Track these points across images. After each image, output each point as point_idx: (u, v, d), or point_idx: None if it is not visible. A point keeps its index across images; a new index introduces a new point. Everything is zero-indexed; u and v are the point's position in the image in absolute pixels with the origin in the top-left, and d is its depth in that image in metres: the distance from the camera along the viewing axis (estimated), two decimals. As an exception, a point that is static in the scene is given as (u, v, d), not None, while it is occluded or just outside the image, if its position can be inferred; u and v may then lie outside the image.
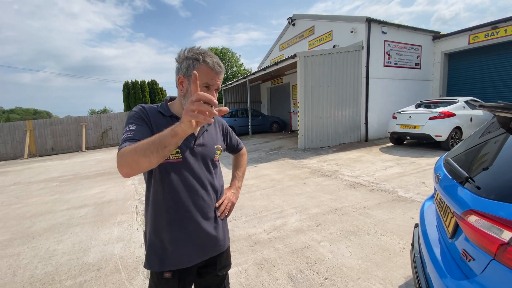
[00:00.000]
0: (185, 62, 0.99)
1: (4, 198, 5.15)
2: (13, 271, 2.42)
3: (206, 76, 0.98)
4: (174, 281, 1.03)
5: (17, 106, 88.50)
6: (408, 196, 3.60)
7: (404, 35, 9.05)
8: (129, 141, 0.88)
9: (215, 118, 1.22)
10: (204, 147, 1.09)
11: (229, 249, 1.24)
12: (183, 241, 1.03)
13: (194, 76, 0.73)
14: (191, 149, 1.04)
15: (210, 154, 1.10)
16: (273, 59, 13.87)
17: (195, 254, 1.06)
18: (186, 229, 1.03)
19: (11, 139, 13.07)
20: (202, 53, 0.98)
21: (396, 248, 2.33)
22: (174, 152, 0.99)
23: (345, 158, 6.34)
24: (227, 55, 30.28)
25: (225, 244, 1.17)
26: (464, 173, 1.11)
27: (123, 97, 22.27)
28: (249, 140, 11.23)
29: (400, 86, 9.27)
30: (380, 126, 8.89)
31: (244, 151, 1.45)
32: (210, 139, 1.13)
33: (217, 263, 1.15)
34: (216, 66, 0.98)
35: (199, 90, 0.74)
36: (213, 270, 1.15)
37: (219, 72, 1.00)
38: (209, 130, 1.15)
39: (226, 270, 1.21)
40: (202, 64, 0.97)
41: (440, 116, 6.08)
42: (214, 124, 1.20)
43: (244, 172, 1.43)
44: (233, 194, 1.27)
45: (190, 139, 1.04)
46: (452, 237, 1.11)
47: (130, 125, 0.94)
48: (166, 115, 1.04)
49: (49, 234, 3.22)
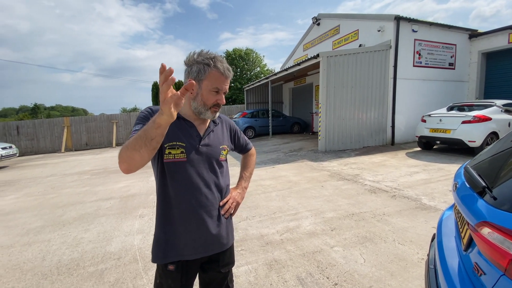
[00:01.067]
0: (195, 66, 1.03)
1: (41, 188, 5.64)
2: (43, 256, 2.65)
3: (216, 81, 1.02)
4: (177, 274, 1.08)
5: (57, 104, 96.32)
6: (433, 204, 3.40)
7: (437, 34, 8.52)
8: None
9: (223, 118, 1.27)
10: (209, 147, 1.12)
11: (233, 247, 1.26)
12: (185, 235, 1.07)
13: (190, 84, 0.77)
14: (196, 149, 1.08)
15: (215, 154, 1.13)
16: (296, 60, 13.74)
17: (197, 249, 1.09)
18: (190, 224, 1.07)
19: (50, 134, 14.27)
20: (212, 58, 1.01)
21: (414, 258, 2.21)
22: (179, 152, 1.04)
23: (367, 162, 6.11)
24: (251, 56, 30.46)
25: (228, 242, 1.19)
26: (481, 182, 1.04)
27: (152, 97, 23.35)
28: (269, 140, 11.23)
29: (431, 88, 8.73)
30: (407, 130, 8.44)
31: (253, 152, 1.46)
32: (215, 139, 1.16)
33: (220, 260, 1.18)
34: (226, 71, 1.02)
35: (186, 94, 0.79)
36: (216, 266, 1.17)
37: (228, 77, 1.05)
38: (215, 130, 1.18)
39: (229, 267, 1.23)
40: (213, 69, 1.01)
41: (474, 120, 5.64)
42: (221, 125, 1.23)
43: (252, 172, 1.44)
44: (238, 194, 1.28)
45: (195, 139, 1.08)
46: (466, 249, 1.04)
47: (136, 125, 0.99)
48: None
49: (78, 223, 3.48)
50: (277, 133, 13.17)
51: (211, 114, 1.09)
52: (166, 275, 1.08)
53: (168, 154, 1.03)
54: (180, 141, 1.05)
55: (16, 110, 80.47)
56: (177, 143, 1.04)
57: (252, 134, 12.61)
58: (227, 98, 28.34)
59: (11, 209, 4.28)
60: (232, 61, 29.43)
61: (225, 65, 1.03)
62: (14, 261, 2.57)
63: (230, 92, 28.35)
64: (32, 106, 56.21)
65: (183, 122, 1.09)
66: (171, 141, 1.03)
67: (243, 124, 12.46)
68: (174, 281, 1.08)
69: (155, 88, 23.16)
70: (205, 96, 1.04)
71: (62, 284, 2.14)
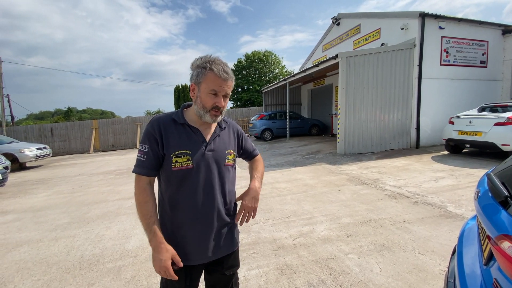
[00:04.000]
0: (195, 70, 1.06)
1: (70, 186, 6.01)
2: (67, 251, 2.81)
3: (213, 83, 1.03)
4: (181, 275, 1.09)
5: (88, 107, 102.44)
6: (459, 212, 3.18)
7: (466, 30, 8.01)
8: (140, 167, 1.07)
9: (229, 123, 1.26)
10: (215, 152, 1.13)
11: (238, 250, 1.27)
12: (191, 240, 1.09)
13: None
14: (202, 154, 1.09)
15: (220, 159, 1.14)
16: (315, 60, 13.53)
17: (203, 254, 1.11)
18: (195, 230, 1.09)
19: (81, 135, 15.20)
20: (210, 61, 1.03)
21: (435, 270, 2.07)
22: (186, 160, 1.06)
23: (389, 166, 5.86)
24: (270, 58, 30.51)
25: (233, 246, 1.21)
26: (503, 191, 0.95)
27: (174, 100, 24.13)
28: (286, 143, 11.13)
29: (461, 87, 8.20)
30: (434, 132, 7.99)
31: (260, 158, 1.43)
32: (221, 144, 1.16)
33: (224, 262, 1.19)
34: (222, 73, 1.02)
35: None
36: (220, 268, 1.19)
37: (226, 79, 1.04)
38: (221, 135, 1.18)
39: (234, 270, 1.24)
40: (209, 72, 1.02)
41: (508, 122, 5.21)
42: (227, 129, 1.23)
43: (263, 174, 1.38)
44: (252, 200, 1.20)
45: (201, 145, 1.10)
46: (486, 264, 0.96)
47: (144, 145, 1.07)
48: (179, 122, 1.10)
49: (101, 220, 3.66)
50: (295, 135, 13.02)
51: (210, 118, 1.08)
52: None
53: (175, 163, 1.06)
54: (186, 149, 1.07)
55: (52, 113, 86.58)
56: (183, 151, 1.06)
57: (270, 136, 12.57)
58: (245, 101, 28.56)
59: (42, 205, 4.60)
60: (251, 64, 29.67)
61: (221, 67, 1.03)
62: (42, 255, 2.75)
63: (248, 94, 28.57)
64: (66, 109, 60.18)
65: (188, 129, 1.11)
66: (177, 150, 1.06)
67: (261, 126, 12.46)
68: (179, 282, 1.09)
69: (177, 91, 23.91)
70: (204, 98, 1.05)
71: (83, 279, 2.26)
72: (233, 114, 17.34)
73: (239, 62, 30.14)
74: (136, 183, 1.08)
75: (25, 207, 4.59)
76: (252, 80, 29.47)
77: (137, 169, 1.07)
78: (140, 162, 1.07)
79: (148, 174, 1.08)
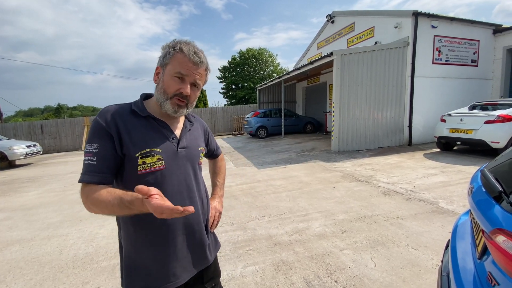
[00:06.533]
0: (164, 51, 0.91)
1: (61, 185, 5.90)
2: (60, 250, 2.77)
3: (180, 65, 0.88)
4: None
5: (79, 104, 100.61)
6: (451, 208, 3.25)
7: (458, 29, 8.13)
8: (90, 174, 0.82)
9: (197, 118, 1.15)
10: (188, 149, 0.99)
11: (217, 259, 1.17)
12: (169, 258, 0.92)
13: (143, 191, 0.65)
14: (174, 152, 0.94)
15: (194, 157, 1.01)
16: (310, 58, 13.56)
17: (183, 271, 0.95)
18: (173, 245, 0.92)
19: (72, 133, 14.92)
20: (181, 42, 0.90)
21: (428, 264, 2.12)
22: (156, 159, 0.89)
23: (382, 163, 5.93)
24: (264, 55, 30.44)
25: (212, 256, 1.08)
26: (497, 187, 0.97)
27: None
28: (281, 140, 11.16)
29: (452, 86, 8.34)
30: (426, 130, 8.12)
31: (222, 157, 1.37)
32: (193, 140, 1.04)
33: (204, 275, 1.07)
34: (192, 54, 0.88)
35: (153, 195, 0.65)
36: (200, 283, 1.06)
37: (196, 63, 0.89)
38: (192, 130, 1.06)
39: (215, 281, 1.13)
40: (178, 52, 0.88)
41: (498, 120, 5.33)
42: (196, 124, 1.11)
43: (224, 179, 1.34)
44: (218, 204, 1.20)
45: (172, 141, 0.94)
46: (480, 258, 0.98)
47: (93, 145, 0.84)
48: (142, 115, 0.92)
49: (94, 219, 3.60)
50: (289, 132, 13.07)
51: (171, 107, 0.90)
52: None
53: (142, 164, 0.87)
54: (154, 146, 0.89)
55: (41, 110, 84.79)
56: (151, 149, 0.88)
57: (264, 134, 12.59)
58: (240, 98, 28.45)
59: (33, 204, 4.51)
60: (245, 61, 29.54)
61: (193, 49, 0.88)
62: (34, 254, 2.70)
63: (242, 92, 28.47)
64: (56, 106, 58.97)
65: (153, 122, 0.93)
66: (143, 149, 0.87)
67: (255, 123, 12.46)
68: None
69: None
70: (166, 82, 0.89)
71: (77, 278, 2.23)
72: (228, 112, 17.28)
73: (234, 59, 29.98)
74: (86, 197, 0.80)
75: (16, 205, 4.49)
76: (246, 77, 29.38)
77: (86, 176, 0.82)
78: (89, 167, 0.82)
79: (102, 181, 0.83)
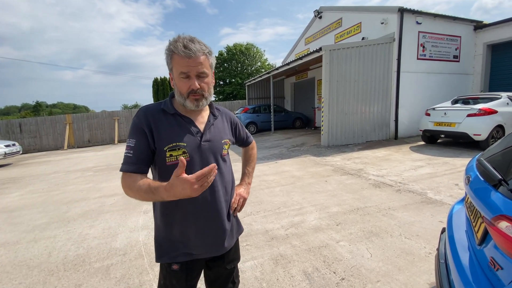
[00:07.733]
0: (166, 57, 0.99)
1: (45, 185, 5.66)
2: (48, 252, 2.66)
3: (179, 65, 0.94)
4: (182, 273, 1.05)
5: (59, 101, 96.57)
6: (439, 198, 3.37)
7: (441, 26, 8.38)
8: (127, 164, 0.96)
9: (222, 110, 1.21)
10: (211, 142, 1.06)
11: (238, 242, 1.25)
12: (193, 235, 1.04)
13: (181, 162, 0.79)
14: (197, 146, 1.02)
15: (217, 150, 1.08)
16: (298, 54, 13.60)
17: (207, 248, 1.07)
18: (197, 224, 1.04)
19: (53, 131, 14.30)
20: (171, 42, 0.95)
21: (421, 253, 2.19)
22: (181, 152, 0.99)
23: (371, 157, 6.07)
24: (251, 51, 30.25)
25: (232, 241, 1.17)
26: (497, 175, 1.01)
27: (153, 93, 23.28)
28: (271, 136, 11.19)
29: (436, 81, 8.62)
30: (411, 124, 8.37)
31: (254, 145, 1.43)
32: (217, 134, 1.11)
33: (225, 256, 1.15)
34: (182, 50, 0.91)
35: (182, 175, 0.79)
36: (221, 263, 1.15)
37: (189, 56, 0.92)
38: (216, 124, 1.13)
39: (235, 263, 1.22)
40: (173, 54, 0.94)
41: (479, 113, 5.57)
42: (221, 117, 1.17)
43: (254, 167, 1.42)
44: (244, 191, 1.27)
45: (196, 136, 1.03)
46: (480, 244, 1.02)
47: (131, 140, 0.98)
48: (170, 112, 1.03)
49: (83, 219, 3.49)
50: (279, 128, 13.12)
51: (191, 104, 0.99)
52: (170, 275, 1.06)
53: (170, 157, 0.98)
54: (180, 141, 0.99)
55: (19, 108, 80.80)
56: (177, 144, 0.99)
57: (254, 130, 12.58)
58: (228, 94, 28.22)
59: (16, 206, 4.30)
60: (233, 56, 29.25)
61: (181, 44, 0.91)
62: (21, 257, 2.58)
63: (230, 87, 28.23)
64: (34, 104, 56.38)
65: (179, 119, 1.03)
66: (171, 143, 0.98)
67: (245, 119, 12.43)
68: (179, 281, 1.05)
69: (155, 84, 23.08)
70: (178, 84, 0.98)
71: (69, 280, 2.15)
72: (216, 108, 17.07)
73: (221, 54, 29.60)
74: (124, 183, 0.94)
75: (-4, 208, 4.27)
76: (234, 73, 29.11)
77: (125, 166, 0.95)
78: (127, 159, 0.96)
79: (138, 170, 0.95)
